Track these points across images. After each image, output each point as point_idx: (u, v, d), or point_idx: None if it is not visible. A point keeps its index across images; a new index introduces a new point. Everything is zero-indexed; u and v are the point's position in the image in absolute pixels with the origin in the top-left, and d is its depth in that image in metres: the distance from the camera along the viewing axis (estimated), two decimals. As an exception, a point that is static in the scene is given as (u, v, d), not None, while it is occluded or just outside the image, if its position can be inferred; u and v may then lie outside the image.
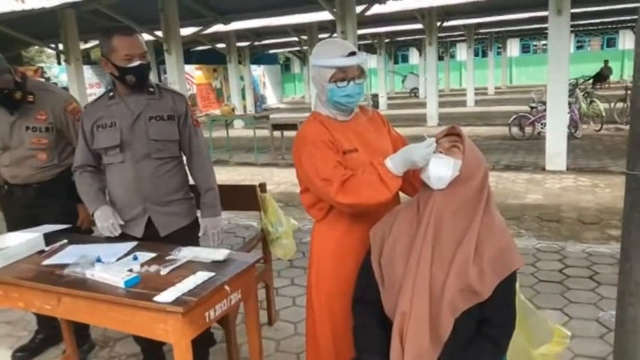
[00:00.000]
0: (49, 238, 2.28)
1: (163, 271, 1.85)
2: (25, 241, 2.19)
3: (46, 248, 2.21)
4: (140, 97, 2.33)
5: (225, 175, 8.50)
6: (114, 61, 2.22)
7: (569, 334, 1.66)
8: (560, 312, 3.14)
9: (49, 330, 3.00)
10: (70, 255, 2.10)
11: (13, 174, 2.72)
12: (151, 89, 2.36)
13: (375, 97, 19.45)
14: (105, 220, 2.29)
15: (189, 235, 2.39)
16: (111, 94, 2.35)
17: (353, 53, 1.79)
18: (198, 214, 2.53)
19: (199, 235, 2.47)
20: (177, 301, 1.63)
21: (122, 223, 2.31)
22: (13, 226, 2.76)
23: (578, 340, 2.78)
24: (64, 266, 1.97)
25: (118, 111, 2.31)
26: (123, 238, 2.32)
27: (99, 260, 1.96)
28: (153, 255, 2.03)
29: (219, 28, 11.18)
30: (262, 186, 3.02)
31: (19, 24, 9.26)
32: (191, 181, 2.52)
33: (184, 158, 2.49)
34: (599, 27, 24.56)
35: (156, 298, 1.65)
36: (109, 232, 2.29)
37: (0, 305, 3.13)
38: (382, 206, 1.72)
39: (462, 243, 1.49)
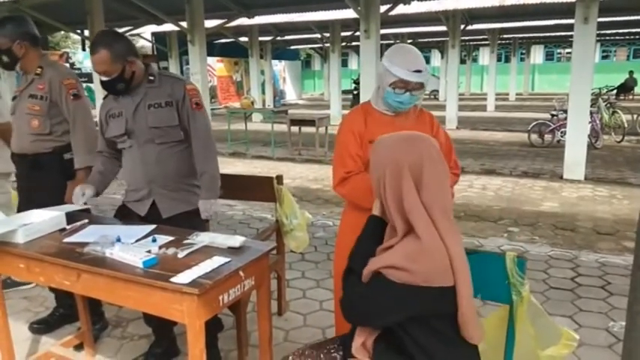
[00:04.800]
0: (70, 217, 2.34)
1: (180, 254, 1.90)
2: (47, 218, 2.26)
3: (67, 227, 2.27)
4: (140, 87, 2.44)
5: (241, 167, 8.59)
6: None
7: (577, 337, 1.68)
8: (570, 319, 3.13)
9: (66, 308, 3.09)
10: (90, 234, 2.16)
11: (15, 142, 2.92)
12: (151, 77, 2.45)
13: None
14: (77, 192, 2.47)
15: (189, 220, 2.47)
16: None
17: (419, 71, 1.99)
18: None
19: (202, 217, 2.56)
20: (193, 283, 1.67)
21: (88, 206, 2.48)
22: (20, 200, 3.02)
23: (587, 349, 2.78)
24: (84, 244, 2.02)
25: (124, 101, 2.46)
26: (128, 216, 2.49)
27: (118, 240, 2.02)
28: (171, 238, 2.08)
29: (243, 21, 11.24)
30: (279, 178, 3.07)
31: (48, 9, 9.41)
32: None
33: None
34: (626, 37, 24.17)
35: (173, 279, 1.69)
36: (79, 194, 2.47)
37: (22, 279, 3.25)
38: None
39: None
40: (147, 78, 2.44)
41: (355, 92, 16.77)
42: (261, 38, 17.23)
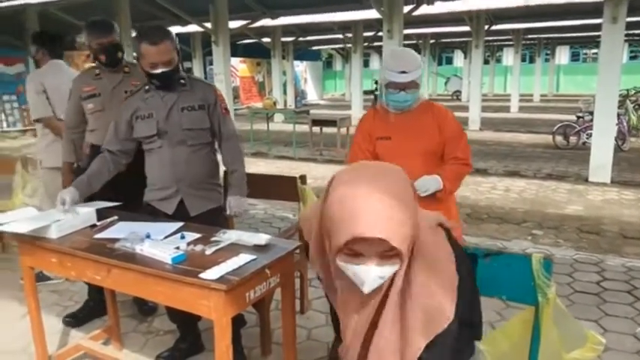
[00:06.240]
0: (100, 213, 2.40)
1: (208, 251, 1.94)
2: (79, 214, 2.33)
3: (98, 223, 2.33)
4: (172, 90, 2.50)
5: (263, 167, 8.65)
6: (142, 65, 2.43)
7: (604, 340, 1.66)
8: (596, 324, 3.09)
9: (97, 303, 3.17)
10: (120, 230, 2.22)
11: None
12: (182, 81, 2.52)
13: (416, 98, 19.27)
14: (62, 196, 2.30)
15: (215, 217, 2.57)
16: (146, 87, 2.54)
17: (404, 72, 2.25)
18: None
19: (227, 213, 2.64)
20: (221, 280, 1.70)
21: (67, 209, 2.28)
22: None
23: (613, 354, 2.74)
24: (114, 240, 2.08)
25: (154, 103, 2.51)
26: (152, 214, 2.53)
27: (148, 237, 2.07)
28: (198, 235, 2.12)
29: (266, 22, 11.32)
30: (303, 178, 3.10)
31: (75, 10, 9.63)
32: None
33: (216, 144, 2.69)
34: (656, 37, 23.64)
35: (201, 275, 1.73)
36: (58, 203, 2.30)
37: (55, 273, 3.34)
38: None
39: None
40: (178, 82, 2.51)
41: (376, 93, 16.69)
42: (283, 39, 17.31)
